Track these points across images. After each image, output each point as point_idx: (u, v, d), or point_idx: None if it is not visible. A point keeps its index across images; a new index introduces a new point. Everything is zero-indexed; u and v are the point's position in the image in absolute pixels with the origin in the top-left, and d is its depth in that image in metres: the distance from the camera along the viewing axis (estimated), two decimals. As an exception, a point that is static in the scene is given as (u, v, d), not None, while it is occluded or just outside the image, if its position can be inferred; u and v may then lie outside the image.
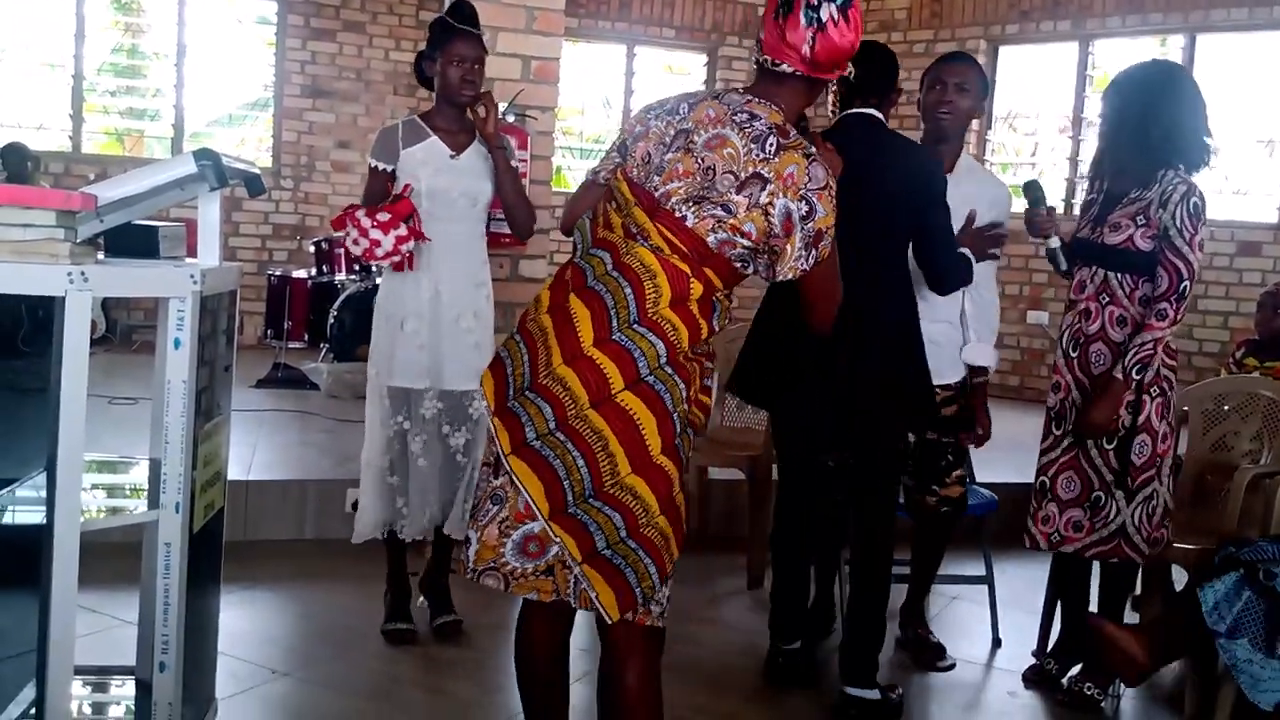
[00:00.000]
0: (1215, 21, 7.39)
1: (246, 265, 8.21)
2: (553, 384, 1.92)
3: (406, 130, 3.24)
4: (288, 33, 8.59)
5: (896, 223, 2.87)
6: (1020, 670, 3.43)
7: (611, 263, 1.99)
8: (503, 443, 1.94)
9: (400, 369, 3.23)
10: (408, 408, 3.25)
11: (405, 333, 3.22)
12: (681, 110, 2.06)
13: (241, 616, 3.34)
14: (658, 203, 1.99)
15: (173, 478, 2.07)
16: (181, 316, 2.02)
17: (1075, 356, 3.08)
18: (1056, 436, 3.12)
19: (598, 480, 1.89)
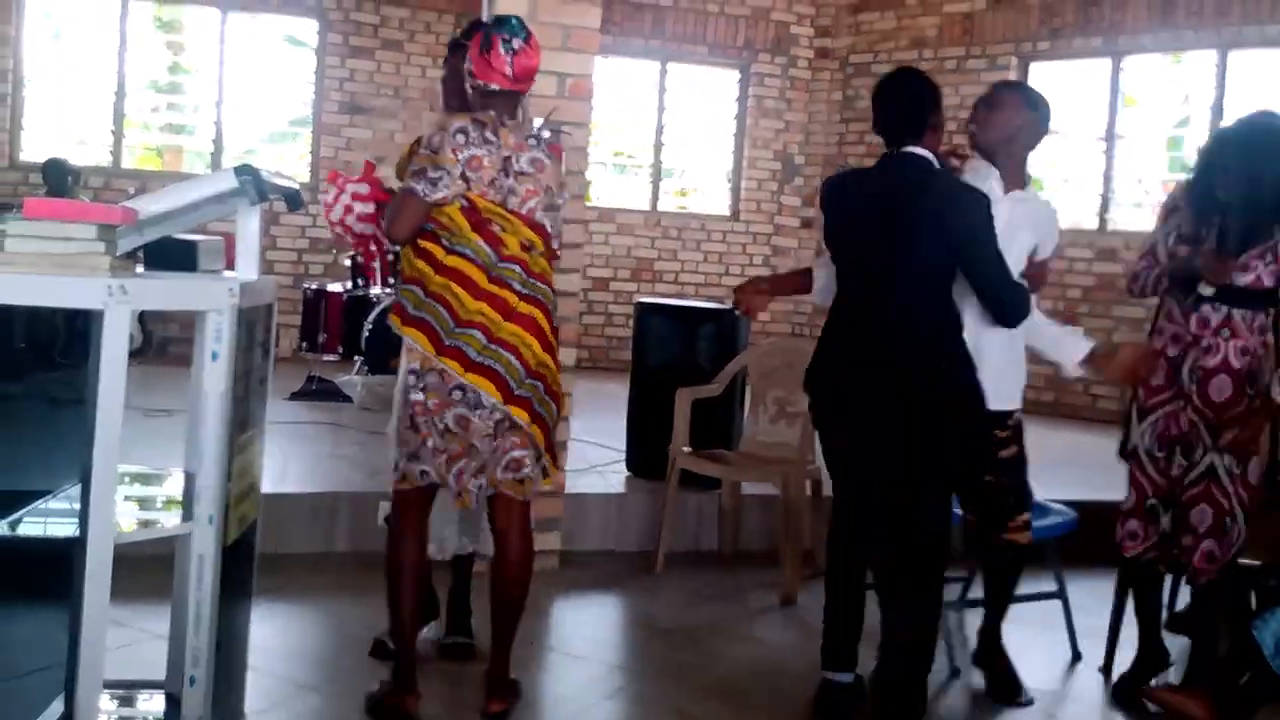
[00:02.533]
0: (1247, 38, 7.32)
1: (283, 279, 8.27)
2: (540, 369, 2.76)
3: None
4: (327, 50, 8.68)
5: (931, 260, 2.87)
6: (1071, 693, 3.41)
7: (525, 274, 2.73)
8: (523, 418, 2.74)
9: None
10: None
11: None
12: (492, 139, 2.71)
13: (271, 630, 3.35)
14: (530, 218, 2.73)
15: (207, 490, 2.08)
16: (219, 329, 2.04)
17: (1194, 388, 3.12)
18: (1185, 467, 3.16)
19: (525, 365, 2.72)
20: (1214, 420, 3.09)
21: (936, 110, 2.97)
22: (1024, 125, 3.19)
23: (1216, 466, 3.10)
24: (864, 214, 2.98)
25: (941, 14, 8.66)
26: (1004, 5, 8.38)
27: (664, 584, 4.20)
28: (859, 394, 2.96)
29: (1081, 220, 8.32)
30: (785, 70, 9.49)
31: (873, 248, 2.93)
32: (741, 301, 3.30)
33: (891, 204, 2.89)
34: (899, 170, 2.94)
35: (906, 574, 2.95)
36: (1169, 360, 3.20)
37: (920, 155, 2.92)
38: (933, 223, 2.85)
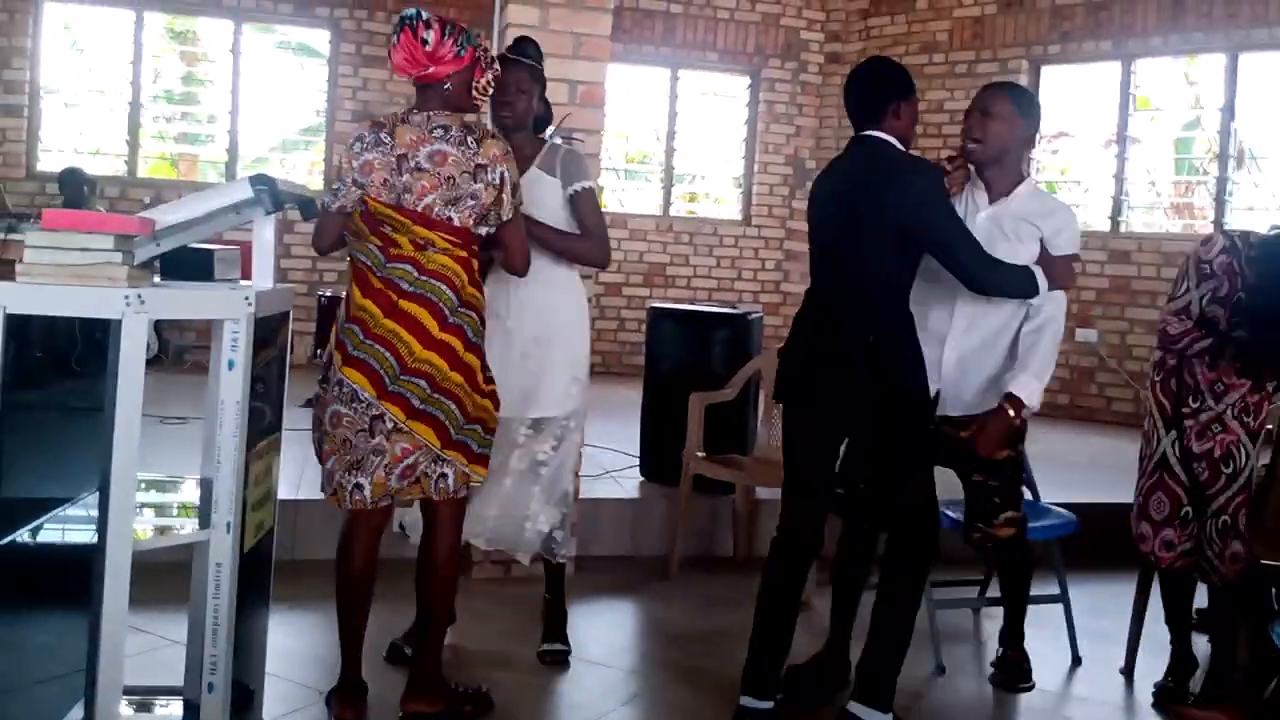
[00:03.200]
0: (1257, 40, 7.30)
1: (297, 286, 8.29)
2: (422, 365, 2.70)
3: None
4: (340, 60, 8.73)
5: (891, 239, 2.88)
6: (1093, 695, 3.41)
7: (417, 272, 2.71)
8: (398, 415, 2.71)
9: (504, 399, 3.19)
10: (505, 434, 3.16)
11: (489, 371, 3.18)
12: (385, 140, 2.76)
13: (288, 636, 3.37)
14: (425, 216, 2.70)
15: (224, 497, 2.10)
16: (236, 338, 2.06)
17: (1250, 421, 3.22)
18: (1229, 475, 3.23)
19: (464, 412, 2.76)
20: (1253, 428, 3.21)
21: (901, 96, 2.97)
22: (1018, 136, 3.20)
23: (1254, 471, 3.21)
24: (828, 198, 3.04)
25: (952, 18, 8.66)
26: (1014, 9, 8.37)
27: (678, 589, 4.20)
28: (815, 387, 3.00)
29: (1094, 223, 8.30)
30: (796, 75, 9.50)
31: (830, 227, 3.00)
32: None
33: (848, 184, 2.96)
34: (859, 153, 3.00)
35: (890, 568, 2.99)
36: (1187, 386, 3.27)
37: (880, 138, 2.96)
38: (882, 195, 2.87)
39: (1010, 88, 3.38)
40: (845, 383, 2.93)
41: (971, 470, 3.23)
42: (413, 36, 2.74)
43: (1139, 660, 3.59)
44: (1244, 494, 3.22)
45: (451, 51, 2.76)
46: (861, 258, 2.92)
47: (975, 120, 3.20)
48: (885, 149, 2.97)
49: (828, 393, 2.97)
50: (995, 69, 8.37)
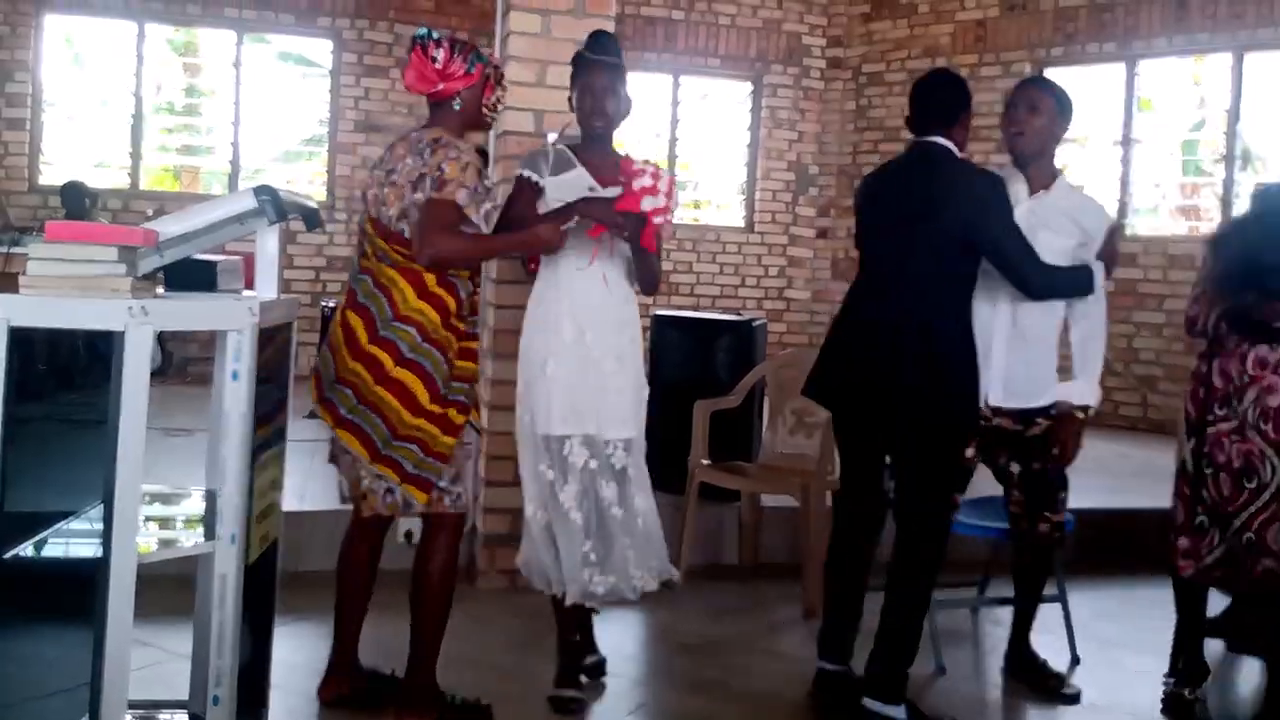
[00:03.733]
0: (1262, 40, 7.28)
1: (300, 297, 8.29)
2: (349, 375, 2.75)
3: (555, 159, 3.04)
4: (341, 70, 8.74)
5: (954, 244, 2.98)
6: (1089, 702, 3.37)
7: (372, 282, 2.78)
8: (327, 421, 2.79)
9: (542, 414, 3.03)
10: (550, 456, 3.03)
11: (546, 376, 3.03)
12: (386, 156, 2.87)
13: (293, 649, 3.35)
14: (386, 227, 2.77)
15: (229, 509, 2.09)
16: (239, 349, 2.05)
17: (1267, 429, 3.14)
18: (1253, 490, 3.15)
19: (392, 429, 2.72)
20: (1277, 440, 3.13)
21: (963, 106, 3.10)
22: (1058, 132, 3.31)
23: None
24: (889, 201, 3.12)
25: (954, 21, 8.66)
26: (1017, 12, 8.36)
27: (685, 598, 4.17)
28: (861, 390, 3.08)
29: (1099, 226, 8.28)
30: (798, 81, 9.50)
31: (891, 231, 3.06)
32: None
33: (911, 189, 3.03)
34: (919, 157, 3.09)
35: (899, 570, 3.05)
36: (1216, 391, 3.22)
37: (943, 145, 3.06)
38: (944, 198, 2.97)
39: (1042, 82, 3.50)
40: (898, 386, 2.99)
41: (1033, 459, 3.33)
42: (423, 54, 2.81)
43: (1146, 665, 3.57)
44: (1269, 510, 3.12)
45: (461, 69, 2.82)
46: (921, 263, 2.98)
47: (1020, 114, 3.27)
48: (948, 156, 3.06)
49: (878, 394, 3.03)
50: (998, 72, 8.36)
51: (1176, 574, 3.29)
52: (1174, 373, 7.46)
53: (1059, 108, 3.29)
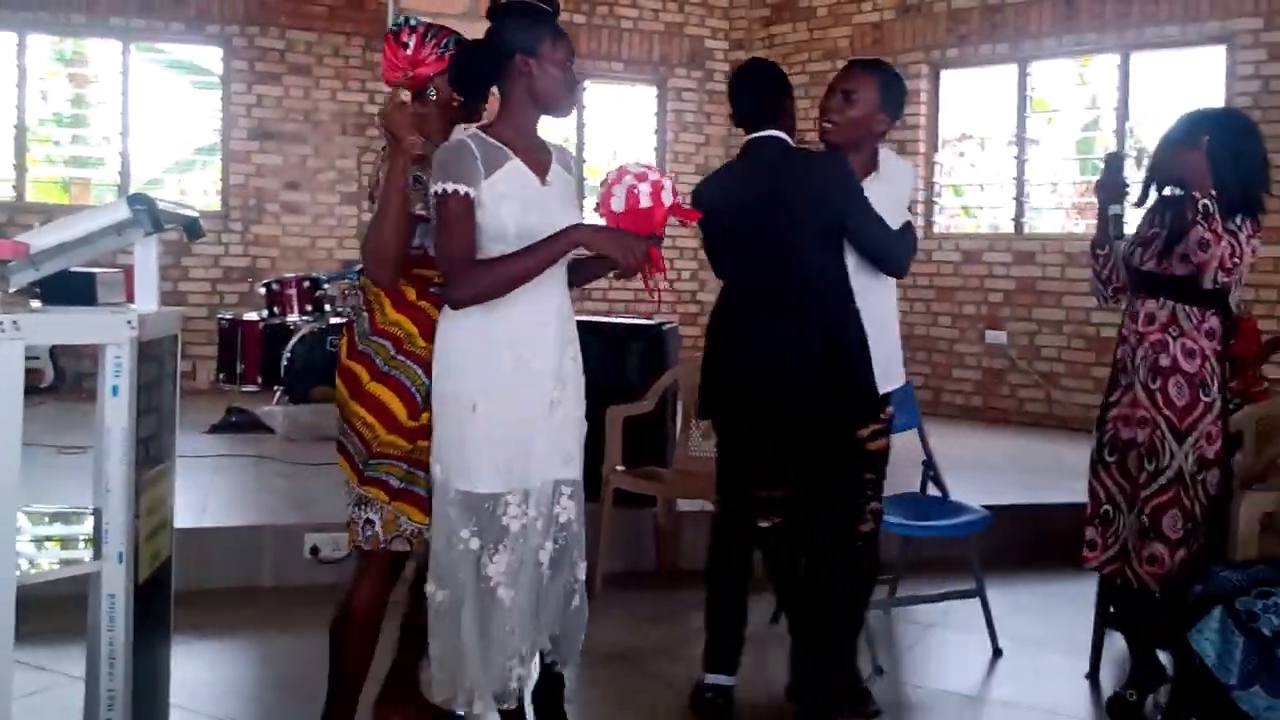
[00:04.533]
0: (1148, 39, 7.52)
1: (197, 309, 8.07)
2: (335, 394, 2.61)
3: (484, 152, 2.45)
4: (233, 77, 8.52)
5: (813, 232, 2.91)
6: (1009, 700, 3.41)
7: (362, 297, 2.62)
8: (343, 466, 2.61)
9: (467, 467, 2.45)
10: (477, 520, 2.46)
11: (475, 418, 2.45)
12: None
13: (198, 668, 3.25)
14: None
15: (115, 527, 2.01)
16: (119, 363, 1.96)
17: (1156, 389, 3.09)
18: (1150, 473, 3.10)
19: (368, 446, 2.55)
20: (1178, 424, 3.06)
21: (789, 93, 3.04)
22: (878, 126, 3.09)
23: (1184, 471, 3.06)
24: (740, 204, 3.00)
25: (852, 24, 8.78)
26: (912, 14, 8.52)
27: (603, 607, 4.12)
28: (767, 403, 2.96)
29: (999, 224, 8.48)
30: (702, 84, 9.54)
31: (756, 234, 2.97)
32: None
33: (764, 186, 2.94)
34: (760, 154, 3.00)
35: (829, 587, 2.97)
36: (1118, 364, 3.21)
37: (780, 137, 2.99)
38: (801, 191, 2.90)
39: (870, 65, 3.21)
40: (812, 396, 2.89)
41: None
42: (394, 42, 2.64)
43: (1063, 661, 3.64)
44: (1166, 495, 3.07)
45: (434, 53, 2.62)
46: (799, 259, 2.91)
47: (834, 99, 3.07)
48: (787, 148, 3.00)
49: (778, 403, 2.92)
50: (897, 74, 8.50)
51: (1085, 565, 3.29)
52: (1075, 369, 7.66)
53: (882, 99, 3.06)
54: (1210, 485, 3.07)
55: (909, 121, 8.42)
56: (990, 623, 3.78)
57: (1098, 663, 3.53)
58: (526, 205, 2.45)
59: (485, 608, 2.45)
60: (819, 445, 2.95)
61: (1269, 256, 7.00)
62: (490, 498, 2.46)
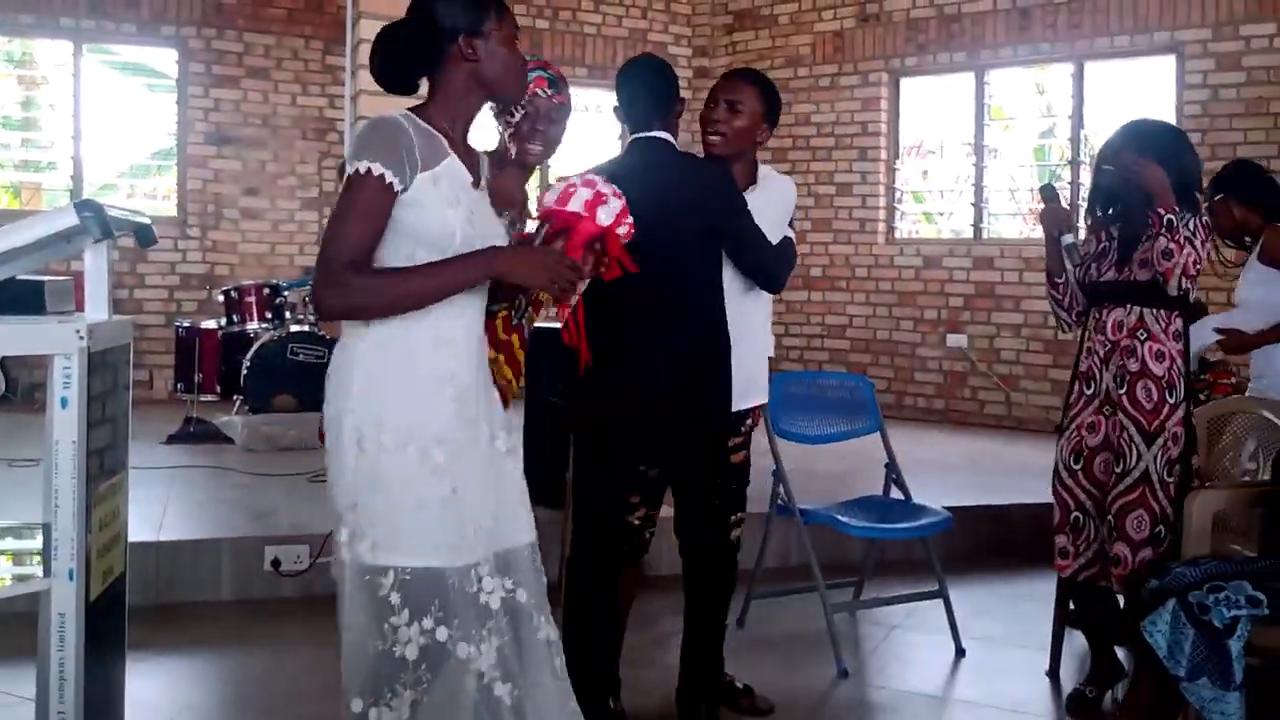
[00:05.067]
0: (1100, 49, 7.63)
1: (154, 317, 7.96)
2: None
3: (424, 140, 2.02)
4: (189, 80, 8.41)
5: (697, 236, 2.83)
6: (972, 699, 3.43)
7: None
8: None
9: (427, 536, 1.94)
10: (441, 600, 1.93)
11: (428, 471, 1.97)
12: None
13: (155, 687, 3.18)
14: None
15: (65, 544, 1.95)
16: (68, 374, 1.91)
17: (1124, 393, 3.14)
18: (1118, 474, 3.14)
19: None
20: (1146, 426, 3.10)
21: (675, 94, 2.95)
22: (761, 135, 3.10)
23: (1151, 472, 3.10)
24: (635, 202, 2.75)
25: (813, 32, 8.83)
26: (871, 23, 8.57)
27: (565, 612, 4.11)
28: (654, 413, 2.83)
29: (959, 230, 8.55)
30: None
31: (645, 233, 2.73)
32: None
33: (650, 188, 2.73)
34: (647, 155, 2.88)
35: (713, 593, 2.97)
36: (1082, 375, 3.24)
37: (666, 139, 2.91)
38: (686, 195, 2.82)
39: (752, 76, 3.19)
40: (701, 403, 2.84)
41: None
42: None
43: (1024, 660, 3.66)
44: (1132, 495, 3.11)
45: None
46: (678, 262, 2.79)
47: (719, 110, 3.05)
48: (673, 150, 2.91)
49: (677, 416, 2.83)
50: (856, 81, 8.56)
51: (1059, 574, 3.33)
52: (1034, 371, 7.74)
53: (764, 110, 3.06)
54: (1176, 484, 3.11)
55: (869, 129, 8.49)
56: (953, 623, 3.80)
57: (1058, 660, 3.56)
58: (470, 211, 2.05)
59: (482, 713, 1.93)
60: (688, 448, 2.89)
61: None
62: (462, 574, 1.96)
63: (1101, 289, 3.22)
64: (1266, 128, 6.91)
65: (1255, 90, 6.95)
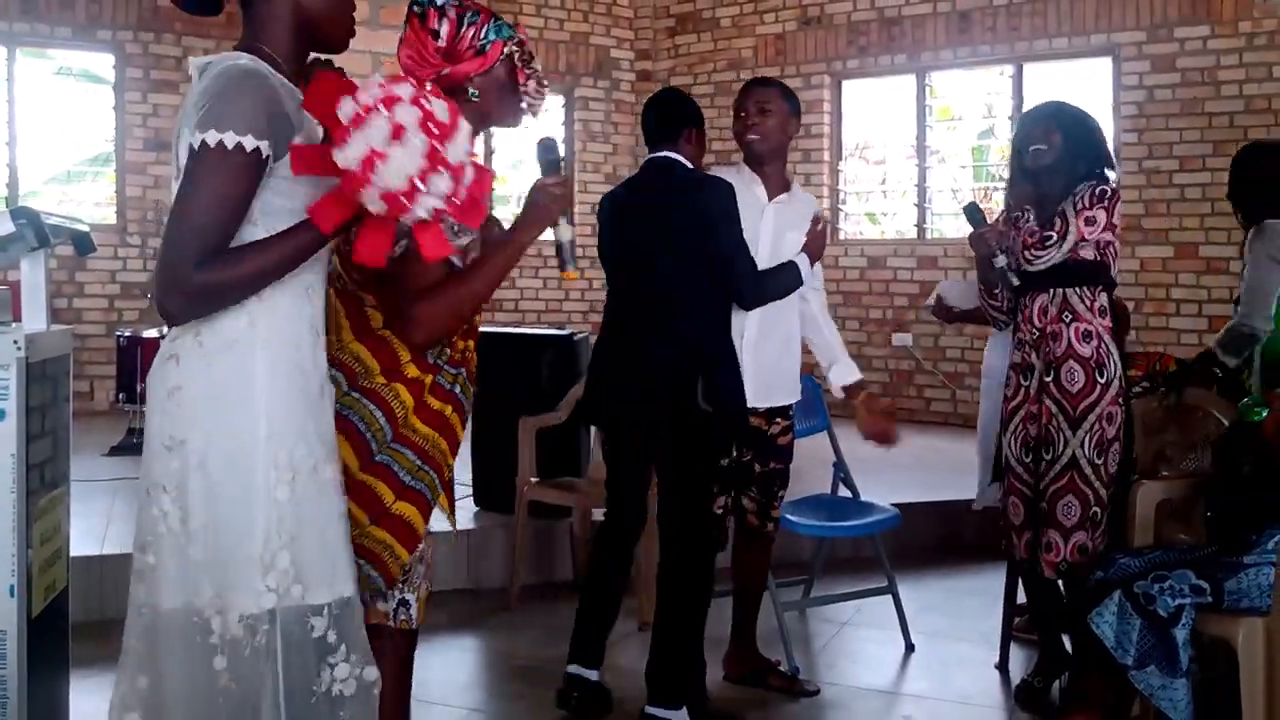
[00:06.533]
0: (1039, 51, 7.76)
1: (94, 327, 7.81)
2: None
3: (289, 93, 1.71)
4: (126, 85, 8.26)
5: (687, 252, 3.04)
6: (922, 693, 3.46)
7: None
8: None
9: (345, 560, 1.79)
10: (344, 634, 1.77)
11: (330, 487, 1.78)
12: None
13: (101, 701, 3.05)
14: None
15: (5, 559, 1.91)
16: (6, 386, 1.87)
17: (1050, 380, 3.13)
18: (1048, 461, 3.14)
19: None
20: (1071, 411, 3.11)
21: (693, 123, 3.20)
22: (791, 131, 3.40)
23: (1079, 457, 3.10)
24: (629, 216, 3.19)
25: (755, 35, 8.89)
26: (813, 26, 8.65)
27: (521, 619, 4.11)
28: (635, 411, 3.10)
29: (902, 230, 8.65)
30: (609, 94, 9.56)
31: (636, 247, 3.15)
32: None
33: (648, 202, 3.12)
34: (651, 172, 3.17)
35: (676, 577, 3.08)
36: (1016, 368, 3.26)
37: (674, 158, 3.15)
38: (677, 211, 3.04)
39: (773, 82, 3.52)
40: (666, 404, 3.00)
41: (770, 459, 3.37)
42: (421, 26, 2.05)
43: (973, 654, 3.70)
44: (1061, 482, 3.11)
45: (473, 46, 2.06)
46: (672, 277, 3.04)
47: (753, 116, 3.32)
48: (679, 168, 3.14)
49: (645, 415, 3.04)
50: (799, 84, 8.61)
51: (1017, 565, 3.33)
52: (978, 369, 7.81)
53: (790, 109, 3.37)
54: (1111, 466, 3.12)
55: (813, 131, 8.56)
56: (902, 619, 3.85)
57: (1007, 653, 3.62)
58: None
59: None
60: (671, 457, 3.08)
61: (1156, 257, 7.28)
62: (344, 603, 1.75)
63: (1024, 277, 3.22)
64: (1201, 127, 7.08)
65: (1189, 91, 7.11)
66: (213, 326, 1.65)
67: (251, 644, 1.64)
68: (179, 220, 1.59)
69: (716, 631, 3.50)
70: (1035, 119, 3.30)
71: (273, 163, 1.63)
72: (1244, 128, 6.87)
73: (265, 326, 1.67)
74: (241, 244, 1.63)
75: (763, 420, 3.32)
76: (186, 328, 1.65)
